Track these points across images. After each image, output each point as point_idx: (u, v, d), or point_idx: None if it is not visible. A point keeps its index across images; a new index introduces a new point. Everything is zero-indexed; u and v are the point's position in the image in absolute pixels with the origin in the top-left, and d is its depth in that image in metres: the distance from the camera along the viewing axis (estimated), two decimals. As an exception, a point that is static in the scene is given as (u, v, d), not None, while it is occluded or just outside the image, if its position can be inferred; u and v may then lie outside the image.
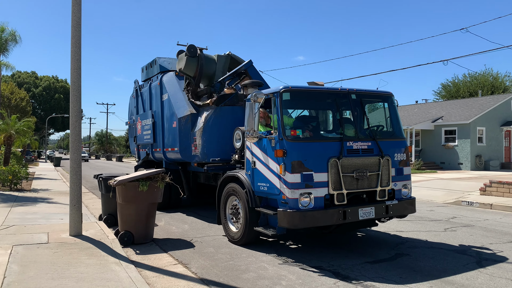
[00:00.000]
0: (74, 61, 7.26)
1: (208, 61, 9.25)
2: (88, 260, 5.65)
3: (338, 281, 5.14)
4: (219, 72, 9.33)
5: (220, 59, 9.29)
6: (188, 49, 8.86)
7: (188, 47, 8.88)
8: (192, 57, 8.89)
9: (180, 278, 5.24)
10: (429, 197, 13.71)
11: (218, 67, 9.30)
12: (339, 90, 6.76)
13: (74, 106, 7.29)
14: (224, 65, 9.41)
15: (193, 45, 8.96)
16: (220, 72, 9.33)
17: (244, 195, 6.68)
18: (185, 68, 9.02)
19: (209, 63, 9.25)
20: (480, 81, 44.28)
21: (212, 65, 9.24)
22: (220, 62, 9.31)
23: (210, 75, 9.24)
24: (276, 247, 6.82)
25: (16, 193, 13.57)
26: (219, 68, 9.31)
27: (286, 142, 5.95)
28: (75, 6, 7.25)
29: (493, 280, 5.22)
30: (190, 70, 9.04)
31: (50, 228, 7.70)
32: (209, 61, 9.28)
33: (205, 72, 9.12)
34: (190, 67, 9.01)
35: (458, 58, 45.97)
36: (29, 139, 25.32)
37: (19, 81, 55.46)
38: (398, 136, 7.06)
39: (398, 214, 6.69)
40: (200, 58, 8.99)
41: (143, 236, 7.06)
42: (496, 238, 7.64)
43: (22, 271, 5.09)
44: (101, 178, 8.40)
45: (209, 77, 9.21)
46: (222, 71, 9.39)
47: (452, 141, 27.43)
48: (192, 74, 9.07)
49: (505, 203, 11.38)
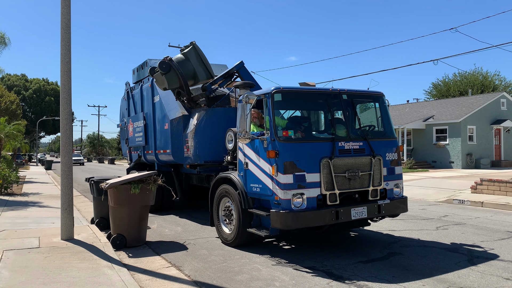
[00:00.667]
0: (64, 64, 7.21)
1: (182, 64, 8.94)
2: (80, 264, 5.60)
3: (332, 281, 5.15)
4: (196, 66, 9.04)
5: (189, 54, 8.95)
6: (161, 67, 8.49)
7: (160, 64, 8.51)
8: (168, 72, 8.57)
9: (173, 281, 5.22)
10: (421, 196, 13.80)
11: (193, 62, 9.00)
12: (330, 91, 6.78)
13: (65, 109, 7.23)
14: (196, 57, 9.06)
15: (163, 60, 8.59)
16: (198, 65, 9.01)
17: (237, 197, 6.67)
18: (169, 85, 8.77)
19: (184, 65, 8.95)
20: (470, 80, 44.73)
21: (187, 65, 8.96)
22: (191, 57, 8.94)
23: (192, 74, 9.03)
24: (269, 248, 6.82)
25: (6, 198, 13.42)
26: (194, 63, 8.99)
27: (278, 143, 5.96)
28: (64, 8, 7.20)
29: (485, 277, 5.27)
30: (174, 83, 8.80)
31: (41, 233, 7.63)
32: (183, 63, 8.96)
33: (186, 75, 8.92)
34: (172, 81, 8.74)
35: (448, 57, 46.40)
36: (20, 143, 25.08)
37: (8, 84, 54.89)
38: (389, 135, 7.09)
39: (390, 214, 6.72)
40: (175, 68, 8.66)
41: (135, 239, 7.02)
42: (487, 235, 7.71)
43: (13, 277, 5.03)
44: (92, 181, 8.34)
45: (192, 76, 9.05)
46: (198, 63, 9.07)
47: (443, 140, 27.66)
48: (178, 85, 8.84)
49: (495, 201, 11.49)
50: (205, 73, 8.97)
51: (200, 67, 8.94)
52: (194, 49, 8.87)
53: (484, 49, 41.85)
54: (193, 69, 8.88)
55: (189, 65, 8.88)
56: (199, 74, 8.93)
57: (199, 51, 8.92)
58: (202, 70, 8.96)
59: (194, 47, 8.86)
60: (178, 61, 8.81)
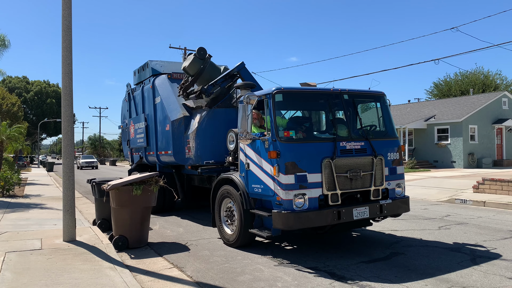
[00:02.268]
0: (65, 66, 7.22)
1: (213, 68, 9.46)
2: (82, 265, 5.61)
3: (334, 281, 5.14)
4: (212, 74, 9.35)
5: (207, 63, 9.44)
6: (198, 51, 9.19)
7: (199, 49, 9.19)
8: (200, 58, 9.20)
9: (176, 282, 5.22)
10: (423, 195, 13.78)
11: (208, 70, 9.36)
12: (332, 91, 6.78)
13: (66, 111, 7.24)
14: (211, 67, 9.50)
15: (204, 48, 9.26)
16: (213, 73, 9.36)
17: (239, 197, 6.67)
18: (188, 66, 9.32)
19: (213, 70, 9.44)
20: (471, 80, 44.64)
21: (215, 73, 9.41)
22: (209, 65, 9.39)
23: (208, 77, 9.31)
24: (271, 249, 6.81)
25: (8, 199, 13.44)
26: (209, 71, 9.36)
27: (279, 143, 5.96)
28: (65, 10, 7.21)
29: (487, 277, 5.25)
30: (192, 69, 9.30)
31: (43, 234, 7.63)
32: (213, 68, 9.48)
33: (205, 76, 9.27)
34: (193, 66, 9.25)
35: (449, 57, 46.38)
36: (21, 145, 25.10)
37: (10, 86, 54.95)
38: (391, 135, 7.09)
39: (392, 213, 6.71)
40: (205, 62, 9.26)
41: (137, 240, 7.02)
42: (490, 235, 7.69)
43: (16, 278, 5.03)
44: (94, 182, 8.35)
45: (207, 82, 9.28)
46: (214, 73, 9.41)
47: (445, 139, 27.61)
48: (192, 73, 9.29)
49: (498, 200, 11.47)
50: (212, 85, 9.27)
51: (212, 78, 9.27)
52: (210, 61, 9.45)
53: (486, 48, 41.83)
54: (209, 75, 9.31)
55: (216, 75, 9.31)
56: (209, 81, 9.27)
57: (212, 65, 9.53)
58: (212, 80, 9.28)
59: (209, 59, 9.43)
60: (212, 64, 9.48)
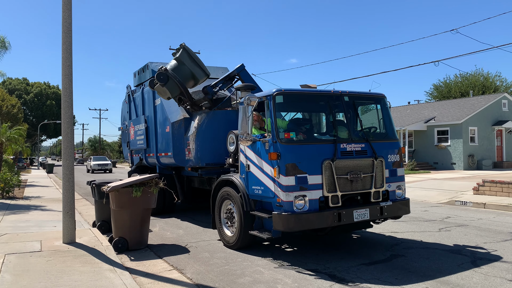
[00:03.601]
0: (65, 67, 7.21)
1: (178, 69, 8.76)
2: (82, 267, 5.59)
3: (334, 283, 5.13)
4: (193, 67, 8.89)
5: (183, 58, 8.76)
6: (159, 79, 8.39)
7: (157, 77, 8.39)
8: (167, 82, 8.50)
9: (176, 284, 5.21)
10: (423, 197, 13.77)
11: (188, 64, 8.83)
12: (332, 93, 6.77)
13: (66, 113, 7.23)
14: (189, 58, 8.87)
15: (159, 72, 8.48)
16: (194, 66, 8.88)
17: (239, 199, 6.66)
18: (171, 94, 8.71)
19: (180, 70, 8.77)
20: (471, 82, 44.67)
21: (183, 69, 8.80)
22: (185, 59, 8.80)
23: (190, 75, 8.91)
24: (271, 251, 6.80)
25: (8, 201, 13.42)
26: (189, 65, 8.82)
27: (280, 145, 5.95)
28: (65, 12, 7.21)
29: (488, 279, 5.24)
30: (175, 91, 8.72)
31: (43, 236, 7.62)
32: (178, 69, 8.77)
33: (185, 78, 8.81)
34: (173, 90, 8.67)
35: (449, 59, 46.34)
36: (21, 147, 25.07)
37: (10, 88, 54.97)
38: (391, 137, 7.08)
39: (392, 215, 6.70)
40: (173, 76, 8.54)
41: (137, 242, 7.01)
42: (490, 237, 7.68)
43: (15, 280, 5.02)
44: (94, 184, 8.34)
45: (191, 77, 8.90)
46: (194, 64, 8.90)
47: (445, 141, 27.61)
48: (179, 93, 8.77)
49: (498, 202, 11.46)
50: (202, 72, 8.89)
51: (196, 68, 8.80)
52: (185, 51, 8.72)
53: (485, 50, 41.87)
54: (190, 71, 8.77)
55: (185, 68, 8.75)
56: (197, 75, 8.85)
57: (190, 52, 8.81)
58: (199, 70, 8.84)
59: (185, 49, 8.69)
60: (173, 68, 8.68)
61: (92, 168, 38.14)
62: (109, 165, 38.95)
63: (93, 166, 38.14)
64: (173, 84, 8.51)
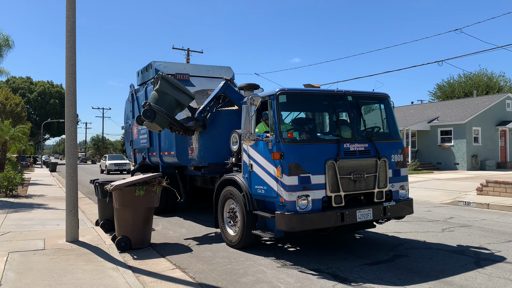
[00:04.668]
0: (69, 66, 7.23)
1: (162, 100, 8.41)
2: (85, 266, 5.60)
3: (337, 283, 5.12)
4: (176, 94, 8.46)
5: (163, 87, 8.36)
6: (146, 116, 8.11)
7: (144, 114, 8.08)
8: (155, 117, 8.22)
9: (178, 283, 5.21)
10: (426, 197, 13.73)
11: (171, 92, 8.38)
12: (335, 92, 6.76)
13: (70, 111, 7.25)
14: (170, 86, 8.42)
15: (145, 109, 8.17)
16: (176, 93, 8.45)
17: (242, 198, 6.66)
18: (162, 127, 8.48)
19: (164, 100, 8.42)
20: (475, 82, 44.51)
21: (167, 98, 8.45)
22: (166, 89, 8.37)
23: (175, 103, 8.51)
24: (274, 250, 6.80)
25: (11, 199, 13.47)
26: (171, 92, 8.40)
27: (283, 144, 5.94)
28: (69, 11, 7.23)
29: (492, 280, 5.22)
30: (165, 123, 8.46)
31: (46, 234, 7.64)
32: (162, 99, 8.42)
33: (171, 107, 8.45)
34: (163, 122, 8.42)
35: (453, 58, 46.27)
36: (25, 145, 25.19)
37: (13, 87, 55.23)
38: (394, 137, 7.06)
39: (395, 215, 6.68)
40: (158, 110, 8.25)
41: (140, 241, 7.02)
42: (494, 238, 7.65)
43: (19, 279, 5.04)
44: (97, 183, 8.36)
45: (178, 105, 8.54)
46: (176, 91, 8.45)
47: (448, 141, 27.52)
48: (168, 124, 8.53)
49: (502, 202, 11.41)
50: (187, 96, 8.57)
51: (180, 94, 8.46)
52: (164, 80, 8.42)
53: (489, 50, 41.75)
54: (174, 99, 8.42)
55: (169, 97, 8.40)
56: (183, 100, 8.43)
57: (170, 80, 8.51)
58: (183, 95, 8.50)
59: (163, 78, 8.40)
60: (157, 100, 8.39)
61: (108, 168, 32.73)
62: (127, 164, 33.08)
63: (109, 166, 32.80)
64: (161, 117, 8.30)
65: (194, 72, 10.95)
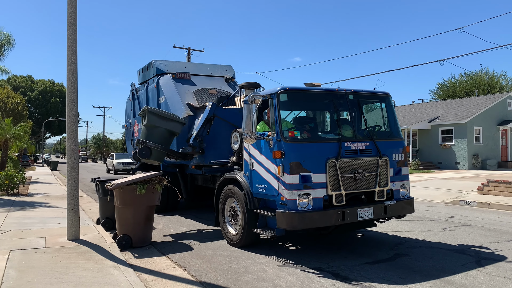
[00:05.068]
0: (70, 65, 7.23)
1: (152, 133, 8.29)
2: (86, 264, 5.61)
3: (338, 282, 5.12)
4: (165, 125, 8.41)
5: (152, 121, 8.26)
6: (142, 156, 8.14)
7: (139, 153, 8.09)
8: (151, 154, 8.23)
9: (179, 281, 5.22)
10: (427, 197, 13.72)
11: (160, 124, 8.31)
12: (337, 91, 6.76)
13: (71, 110, 7.26)
14: (158, 118, 8.33)
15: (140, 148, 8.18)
16: (166, 123, 8.42)
17: (243, 197, 6.66)
18: (159, 160, 8.58)
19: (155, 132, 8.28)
20: (476, 81, 44.43)
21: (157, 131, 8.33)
22: (155, 121, 8.28)
23: (167, 133, 8.46)
24: (275, 249, 6.80)
25: (13, 198, 13.49)
26: (161, 124, 8.31)
27: (284, 143, 5.94)
28: (71, 10, 7.23)
29: (493, 279, 5.22)
30: (162, 156, 8.53)
31: (47, 233, 7.66)
32: (153, 133, 8.30)
33: (165, 141, 8.45)
34: (159, 156, 8.48)
35: (454, 58, 46.16)
36: (26, 144, 25.23)
37: (15, 85, 55.24)
38: (395, 136, 7.06)
39: (396, 214, 6.68)
40: (153, 146, 8.24)
41: (141, 240, 7.03)
42: (495, 237, 7.64)
43: (20, 276, 5.05)
44: (98, 181, 8.36)
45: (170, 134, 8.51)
46: (165, 121, 8.40)
47: (449, 140, 27.50)
48: (165, 155, 8.60)
49: (502, 202, 11.40)
50: (178, 123, 8.54)
51: (169, 123, 8.42)
52: (152, 114, 8.33)
53: (491, 49, 41.58)
54: (166, 129, 8.39)
55: (159, 129, 8.36)
56: (174, 129, 8.31)
57: (156, 112, 8.43)
58: (173, 123, 8.46)
59: (150, 112, 8.32)
60: (148, 135, 8.34)
61: (116, 167, 30.19)
62: None
63: (117, 166, 30.23)
64: (157, 152, 8.32)
65: (195, 71, 10.97)
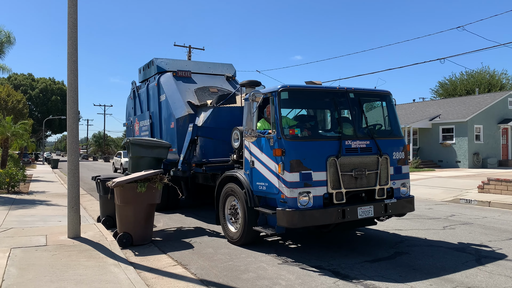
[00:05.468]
0: (70, 63, 7.23)
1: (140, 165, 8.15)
2: (87, 262, 5.63)
3: (338, 280, 5.13)
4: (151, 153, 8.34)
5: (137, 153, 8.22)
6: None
7: None
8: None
9: (180, 279, 5.23)
10: (428, 195, 13.73)
11: (146, 153, 8.24)
12: (337, 89, 6.75)
13: (71, 108, 7.26)
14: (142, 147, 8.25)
15: None
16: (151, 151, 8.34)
17: (243, 195, 6.66)
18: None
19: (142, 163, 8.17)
20: (477, 79, 44.40)
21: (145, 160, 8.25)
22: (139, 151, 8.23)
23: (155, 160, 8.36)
24: (275, 247, 6.81)
25: (13, 196, 13.51)
26: (146, 153, 8.25)
27: (284, 141, 5.94)
28: (71, 8, 7.22)
29: (493, 277, 5.22)
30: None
31: (48, 231, 7.67)
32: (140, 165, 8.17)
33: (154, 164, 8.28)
34: None
35: (455, 56, 46.19)
36: (26, 142, 25.22)
37: (15, 84, 55.27)
38: (396, 134, 7.06)
39: (397, 213, 6.69)
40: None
41: (141, 238, 7.04)
42: (495, 235, 7.65)
43: (21, 274, 5.06)
44: (99, 179, 8.37)
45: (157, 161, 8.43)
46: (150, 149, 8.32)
47: (450, 139, 27.48)
48: None
49: (503, 200, 11.40)
50: (162, 149, 8.48)
51: (154, 150, 8.36)
52: (134, 145, 8.27)
53: (492, 47, 41.62)
54: (152, 158, 8.31)
55: (146, 159, 8.28)
56: (161, 155, 8.42)
57: (139, 143, 8.38)
58: (158, 149, 8.40)
59: (133, 144, 8.26)
60: (135, 167, 8.20)
61: (124, 166, 27.19)
62: None
63: (125, 164, 26.71)
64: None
65: (195, 69, 10.97)
